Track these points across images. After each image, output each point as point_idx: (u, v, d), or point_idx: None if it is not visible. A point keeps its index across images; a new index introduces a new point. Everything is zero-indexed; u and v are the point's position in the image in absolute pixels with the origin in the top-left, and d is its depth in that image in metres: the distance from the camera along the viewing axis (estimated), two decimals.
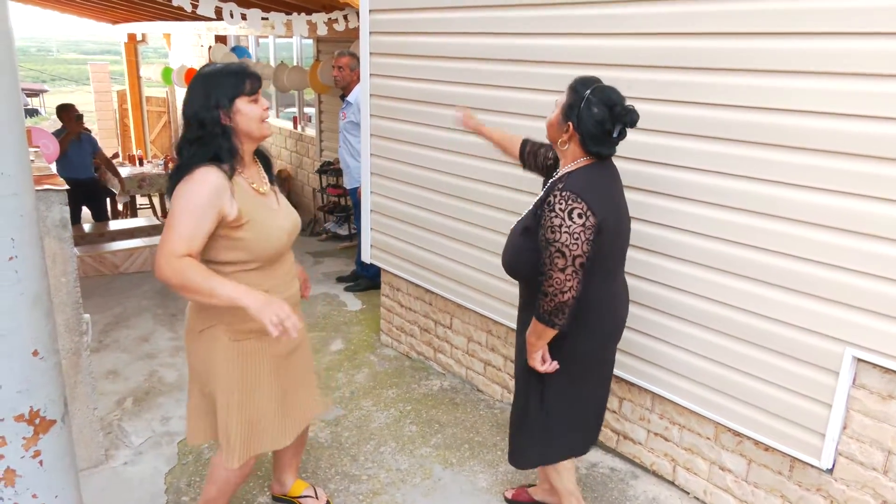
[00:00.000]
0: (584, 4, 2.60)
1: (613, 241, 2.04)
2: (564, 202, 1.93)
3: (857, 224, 2.03)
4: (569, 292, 1.94)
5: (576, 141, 2.03)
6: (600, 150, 2.02)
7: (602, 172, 2.06)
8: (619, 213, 2.07)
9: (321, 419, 3.26)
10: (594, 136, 1.99)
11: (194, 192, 1.85)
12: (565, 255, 1.91)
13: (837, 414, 2.17)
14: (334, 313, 4.71)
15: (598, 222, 1.94)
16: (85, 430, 2.77)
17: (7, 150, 1.19)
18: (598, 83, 2.02)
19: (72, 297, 2.59)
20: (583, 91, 2.00)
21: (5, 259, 1.20)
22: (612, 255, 2.09)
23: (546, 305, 1.97)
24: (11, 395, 1.27)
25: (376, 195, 3.84)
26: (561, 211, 1.92)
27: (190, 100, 1.93)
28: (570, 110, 2.01)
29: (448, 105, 3.24)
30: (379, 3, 3.51)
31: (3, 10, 1.19)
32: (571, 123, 2.01)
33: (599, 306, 2.10)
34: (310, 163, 7.61)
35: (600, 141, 2.00)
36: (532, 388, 2.22)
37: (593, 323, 2.11)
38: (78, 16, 10.30)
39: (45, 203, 2.43)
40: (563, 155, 2.11)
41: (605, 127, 1.98)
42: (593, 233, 1.93)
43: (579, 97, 2.00)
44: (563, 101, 2.06)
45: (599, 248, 1.97)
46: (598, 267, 2.01)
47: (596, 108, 1.97)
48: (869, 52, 1.93)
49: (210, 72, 1.97)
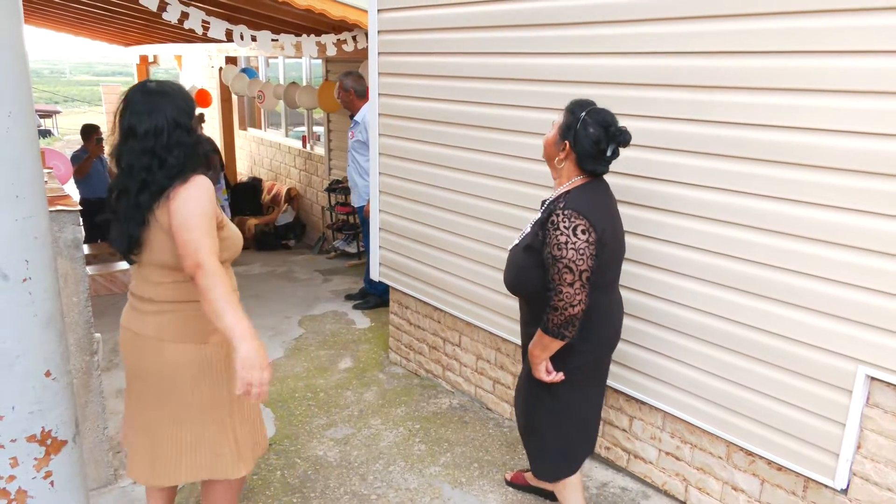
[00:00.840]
0: (590, 24, 2.62)
1: (612, 253, 2.16)
2: (568, 220, 2.04)
3: (869, 242, 2.02)
4: (578, 305, 2.05)
5: (571, 160, 2.16)
6: (595, 168, 2.15)
7: (597, 189, 2.19)
8: (615, 227, 2.19)
9: (330, 438, 3.26)
10: (590, 155, 2.12)
11: (203, 199, 1.87)
12: (573, 270, 2.02)
13: (851, 433, 2.14)
14: (343, 331, 4.71)
15: (599, 236, 2.06)
16: (94, 449, 2.77)
17: (22, 173, 1.21)
18: (593, 105, 2.16)
19: (83, 317, 2.61)
20: (579, 112, 2.13)
21: (19, 281, 1.22)
22: (610, 267, 2.19)
23: (556, 319, 2.06)
24: (24, 416, 1.27)
25: (385, 213, 3.86)
26: (566, 229, 2.04)
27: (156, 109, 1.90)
28: (567, 130, 2.14)
29: (456, 124, 3.26)
30: (387, 25, 3.55)
31: (19, 36, 1.21)
32: (568, 143, 2.14)
33: (599, 316, 2.20)
34: (319, 181, 7.66)
35: (595, 159, 2.13)
36: (542, 403, 2.30)
37: (595, 333, 2.21)
38: (91, 39, 10.48)
39: (58, 224, 2.46)
40: (557, 174, 2.23)
41: (600, 146, 2.11)
42: (596, 247, 2.05)
43: (575, 118, 2.13)
44: (559, 122, 2.19)
45: (600, 260, 2.08)
46: (598, 279, 2.12)
47: (592, 128, 2.10)
48: (866, 70, 1.94)
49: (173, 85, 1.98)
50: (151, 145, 1.89)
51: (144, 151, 1.89)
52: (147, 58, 10.85)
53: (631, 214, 2.61)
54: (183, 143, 1.92)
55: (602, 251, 2.07)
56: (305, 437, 3.27)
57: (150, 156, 1.88)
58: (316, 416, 3.48)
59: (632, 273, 2.65)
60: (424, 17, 3.33)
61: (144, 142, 1.88)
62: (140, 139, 1.89)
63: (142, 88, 1.95)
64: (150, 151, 1.89)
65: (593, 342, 2.23)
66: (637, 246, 2.61)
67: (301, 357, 4.26)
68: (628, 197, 2.59)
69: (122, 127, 1.92)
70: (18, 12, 1.20)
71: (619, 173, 2.56)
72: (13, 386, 1.25)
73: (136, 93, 1.95)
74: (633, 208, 2.60)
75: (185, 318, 1.98)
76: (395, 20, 3.51)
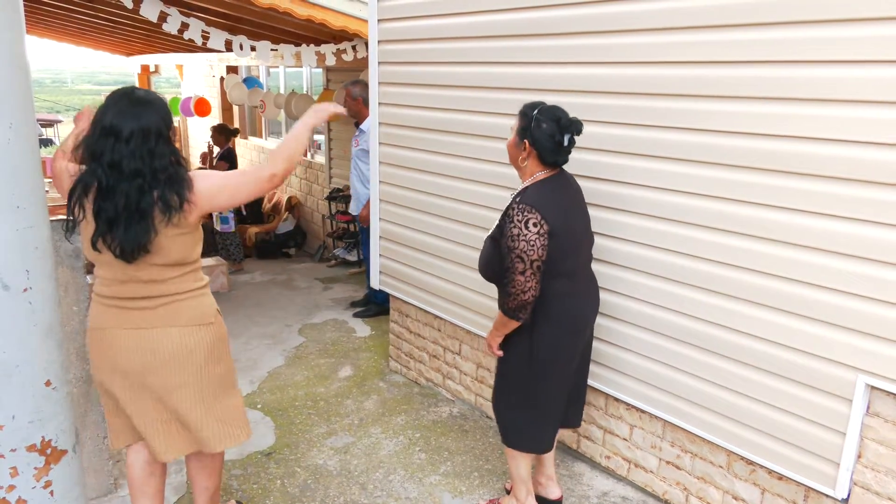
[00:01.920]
0: (587, 35, 2.63)
1: (566, 243, 2.30)
2: (521, 213, 2.22)
3: (869, 251, 2.02)
4: (529, 291, 2.24)
5: (534, 156, 2.32)
6: (556, 159, 2.32)
7: (553, 186, 2.34)
8: (569, 220, 2.33)
9: (330, 447, 3.25)
10: (548, 149, 2.29)
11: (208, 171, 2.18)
12: (524, 260, 2.21)
13: (852, 442, 2.14)
14: (343, 339, 4.71)
15: (551, 229, 2.22)
16: (94, 458, 2.77)
17: (23, 183, 1.22)
18: (543, 104, 2.33)
19: (83, 326, 2.61)
20: (531, 112, 2.31)
21: (20, 291, 1.22)
22: (567, 256, 2.33)
23: (510, 303, 2.28)
24: (23, 426, 1.27)
25: (385, 221, 3.87)
26: (519, 222, 2.22)
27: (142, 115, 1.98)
28: (524, 131, 2.31)
29: (455, 133, 3.28)
30: (387, 35, 3.57)
31: (21, 48, 1.22)
32: (527, 142, 2.31)
33: (561, 301, 2.36)
34: (319, 189, 7.67)
35: (555, 152, 2.29)
36: (506, 377, 2.50)
37: (555, 315, 2.36)
38: (93, 49, 10.53)
39: (59, 233, 2.46)
40: (522, 172, 2.39)
41: (555, 139, 2.27)
42: (547, 238, 2.22)
43: (529, 118, 2.30)
44: (516, 126, 2.35)
45: (554, 250, 2.25)
46: (557, 267, 2.29)
47: (545, 124, 2.27)
48: (852, 79, 1.95)
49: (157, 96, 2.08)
50: (140, 149, 1.94)
51: (134, 154, 1.94)
52: (148, 67, 10.90)
53: (630, 223, 2.62)
54: (167, 153, 2.00)
55: (554, 242, 2.23)
56: (305, 446, 3.27)
57: (139, 160, 1.94)
58: (316, 425, 3.47)
59: (631, 281, 2.66)
60: (424, 28, 3.35)
61: (132, 144, 1.94)
62: (126, 140, 1.94)
63: (128, 93, 2.01)
64: (140, 156, 1.94)
65: (553, 324, 2.37)
66: (638, 254, 2.62)
67: (301, 365, 4.26)
68: (622, 205, 2.60)
69: (103, 123, 1.95)
70: (20, 25, 1.21)
71: (626, 183, 2.57)
72: (13, 395, 1.25)
73: (122, 97, 2.00)
74: (633, 217, 2.61)
75: (192, 305, 2.15)
76: (394, 30, 3.53)
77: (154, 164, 1.96)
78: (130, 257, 1.98)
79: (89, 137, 1.97)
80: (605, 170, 2.66)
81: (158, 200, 1.96)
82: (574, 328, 2.43)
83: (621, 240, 2.67)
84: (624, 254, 2.67)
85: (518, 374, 2.46)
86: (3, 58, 1.16)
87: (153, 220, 1.96)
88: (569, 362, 2.45)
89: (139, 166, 1.94)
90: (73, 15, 6.97)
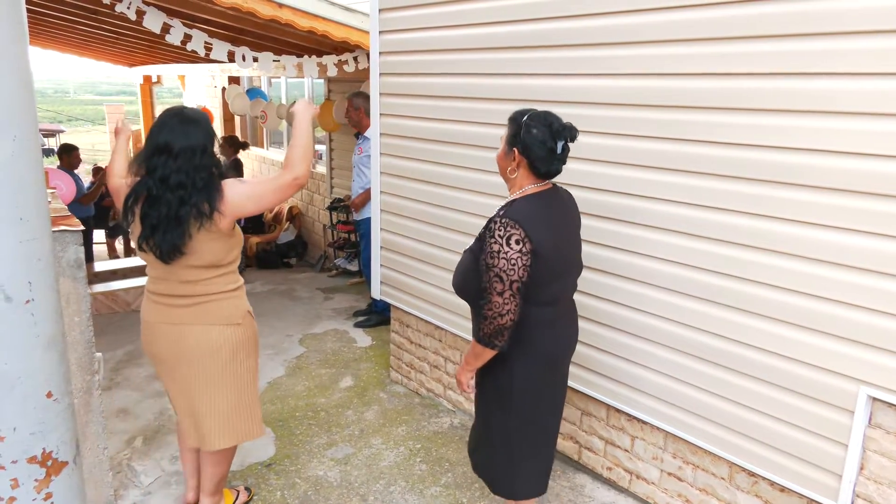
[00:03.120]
0: (587, 47, 2.65)
1: (552, 266, 2.08)
2: (504, 229, 2.01)
3: (872, 262, 2.02)
4: (507, 315, 2.01)
5: (524, 166, 2.12)
6: (549, 168, 2.10)
7: (542, 202, 2.12)
8: (558, 240, 2.12)
9: (331, 458, 3.24)
10: (540, 157, 2.07)
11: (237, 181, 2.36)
12: (503, 280, 1.99)
13: (854, 454, 2.13)
14: (344, 350, 4.71)
15: (535, 248, 2.01)
16: (95, 469, 2.76)
17: (26, 195, 1.22)
18: (532, 111, 2.13)
19: (85, 336, 2.61)
20: (520, 119, 2.11)
21: (22, 302, 1.22)
22: (552, 280, 2.12)
23: (486, 328, 2.05)
24: (24, 437, 1.27)
25: (386, 232, 3.87)
26: (500, 237, 2.01)
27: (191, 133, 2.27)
28: (514, 139, 2.11)
29: (456, 143, 3.29)
30: (388, 46, 3.59)
31: (25, 60, 1.23)
32: (517, 149, 2.10)
33: (541, 330, 2.14)
34: (320, 199, 7.69)
35: (547, 160, 2.08)
36: (491, 415, 2.26)
37: (536, 346, 2.15)
38: (96, 59, 10.57)
39: (61, 244, 2.47)
40: (511, 184, 2.18)
41: (547, 145, 2.06)
42: (530, 258, 2.00)
43: (518, 125, 2.10)
44: (505, 134, 2.16)
45: (537, 272, 2.03)
46: (539, 293, 2.08)
47: (535, 129, 2.07)
48: (855, 91, 1.96)
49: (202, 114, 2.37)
50: (187, 164, 2.22)
51: (180, 169, 2.22)
52: (151, 78, 10.95)
53: (636, 235, 2.62)
54: (209, 165, 2.28)
55: (538, 263, 2.02)
56: (306, 457, 3.26)
57: (185, 174, 2.22)
58: (316, 436, 3.47)
59: (634, 292, 2.66)
60: (425, 39, 3.37)
61: (180, 160, 2.22)
62: (175, 156, 2.22)
63: (178, 113, 2.31)
64: (185, 171, 2.22)
65: (533, 356, 2.15)
66: (639, 265, 2.62)
67: (302, 376, 4.25)
68: (630, 217, 2.61)
69: (158, 142, 2.25)
70: (24, 38, 1.22)
71: (627, 194, 2.57)
72: (14, 407, 1.25)
73: (172, 116, 2.30)
74: (639, 228, 2.61)
75: (222, 306, 2.40)
76: (395, 42, 3.55)
77: (195, 177, 2.23)
78: (168, 258, 2.25)
79: (144, 153, 2.28)
80: (601, 180, 2.67)
81: (193, 208, 2.22)
82: (553, 363, 2.23)
83: (623, 251, 2.67)
84: (625, 264, 2.67)
85: (501, 414, 2.23)
86: (9, 71, 1.16)
87: (188, 226, 2.23)
88: (552, 398, 2.28)
89: (183, 179, 2.22)
90: (76, 26, 7.01)
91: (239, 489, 2.91)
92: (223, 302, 2.41)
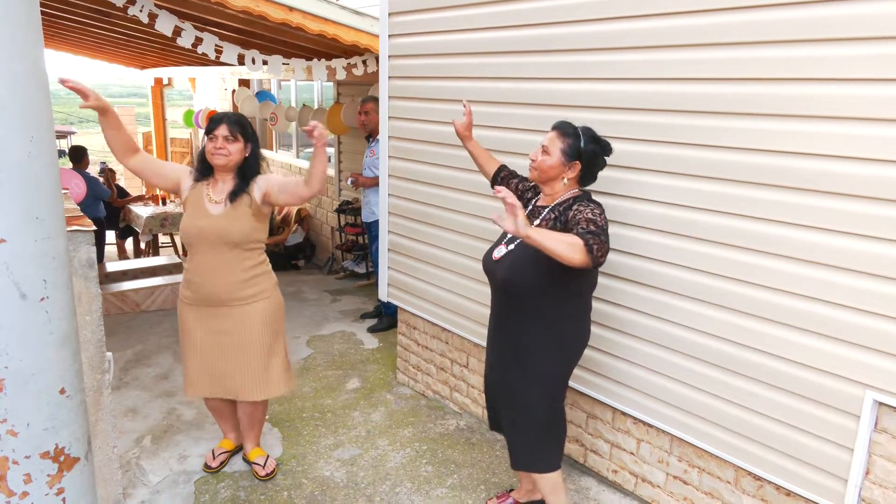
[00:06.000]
0: (596, 51, 2.66)
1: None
2: (594, 204, 2.27)
3: (878, 267, 2.03)
4: (606, 255, 2.16)
5: (576, 176, 2.35)
6: (594, 178, 2.41)
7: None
8: None
9: (337, 459, 3.26)
10: (597, 168, 2.37)
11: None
12: (605, 231, 2.17)
13: (859, 458, 2.13)
14: (351, 351, 4.73)
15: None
16: (104, 468, 2.78)
17: (43, 195, 1.25)
18: (581, 126, 2.35)
19: (95, 336, 2.64)
20: (576, 132, 2.32)
21: (37, 300, 1.25)
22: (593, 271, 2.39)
23: (601, 252, 2.11)
24: (38, 433, 1.30)
25: (394, 234, 3.89)
26: (595, 207, 2.25)
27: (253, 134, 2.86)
28: (574, 150, 2.31)
29: (463, 147, 3.30)
30: (398, 50, 3.62)
31: (41, 64, 1.26)
32: (579, 162, 2.32)
33: (584, 322, 2.46)
34: (329, 202, 7.72)
35: (597, 172, 2.39)
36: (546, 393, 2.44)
37: (583, 335, 2.47)
38: (108, 62, 10.66)
39: (74, 243, 2.50)
40: (554, 188, 2.38)
41: (602, 159, 2.36)
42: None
43: (577, 138, 2.31)
44: (559, 144, 2.32)
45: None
46: (593, 279, 2.40)
47: (591, 144, 2.32)
48: (868, 97, 1.96)
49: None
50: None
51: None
52: (161, 80, 11.03)
53: (639, 237, 2.63)
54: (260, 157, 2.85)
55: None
56: (313, 458, 3.28)
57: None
58: (323, 437, 3.48)
59: (640, 295, 2.67)
60: (434, 43, 3.39)
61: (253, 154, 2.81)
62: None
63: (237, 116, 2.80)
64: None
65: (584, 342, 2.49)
66: (645, 269, 2.63)
67: (309, 377, 4.27)
68: (633, 220, 2.61)
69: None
70: (40, 42, 1.25)
71: (635, 198, 2.57)
72: (28, 403, 1.27)
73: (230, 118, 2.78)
74: (642, 231, 2.62)
75: (255, 283, 2.85)
76: (405, 46, 3.57)
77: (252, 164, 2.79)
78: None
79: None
80: (616, 185, 2.68)
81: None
82: (582, 351, 2.51)
83: (629, 254, 2.68)
84: (631, 267, 2.68)
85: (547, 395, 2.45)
86: (28, 75, 1.19)
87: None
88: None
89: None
90: (89, 29, 7.08)
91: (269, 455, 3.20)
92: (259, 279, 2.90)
